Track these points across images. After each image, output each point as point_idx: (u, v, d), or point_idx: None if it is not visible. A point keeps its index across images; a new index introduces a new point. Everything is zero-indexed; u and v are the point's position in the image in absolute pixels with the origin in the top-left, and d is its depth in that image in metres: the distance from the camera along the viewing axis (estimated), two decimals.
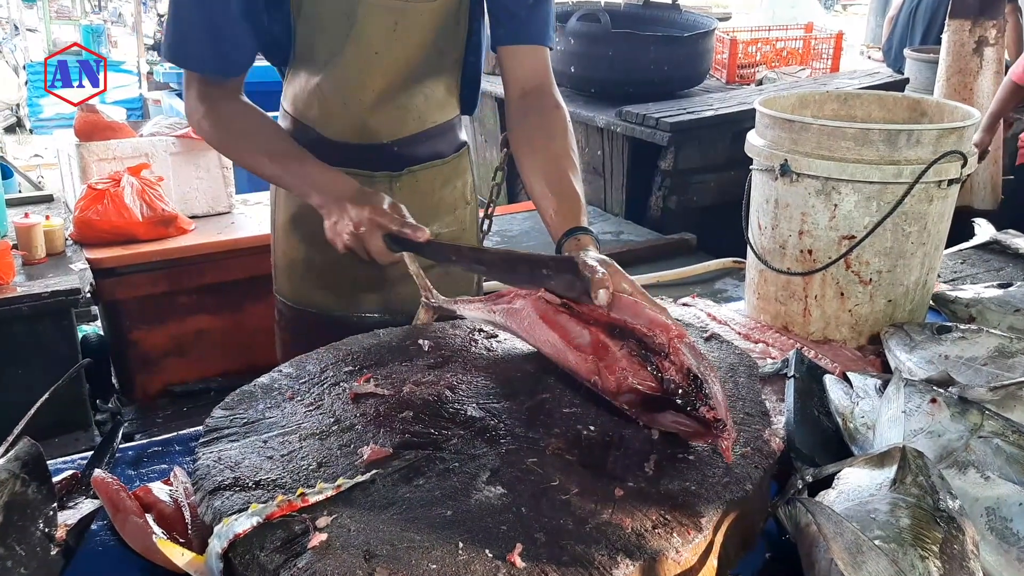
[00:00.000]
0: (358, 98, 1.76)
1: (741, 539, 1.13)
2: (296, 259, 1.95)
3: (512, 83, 1.82)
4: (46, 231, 3.46)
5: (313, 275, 1.93)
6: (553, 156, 1.69)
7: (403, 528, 1.00)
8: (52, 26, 12.61)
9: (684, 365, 1.16)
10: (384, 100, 1.77)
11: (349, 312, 1.93)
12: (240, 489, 1.09)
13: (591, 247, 1.47)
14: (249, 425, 1.24)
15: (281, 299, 2.01)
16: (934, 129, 1.65)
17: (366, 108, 1.77)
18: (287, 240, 1.95)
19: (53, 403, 1.32)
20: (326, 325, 1.92)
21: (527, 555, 0.95)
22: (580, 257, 1.35)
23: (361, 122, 1.79)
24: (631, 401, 1.22)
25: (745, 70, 5.12)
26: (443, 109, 1.87)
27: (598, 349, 1.26)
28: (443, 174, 1.93)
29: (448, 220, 1.96)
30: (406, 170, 1.85)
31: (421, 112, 1.83)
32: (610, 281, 1.28)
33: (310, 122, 1.81)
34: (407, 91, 1.79)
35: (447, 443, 1.18)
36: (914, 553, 0.98)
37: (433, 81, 1.82)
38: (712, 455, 1.16)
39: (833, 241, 1.75)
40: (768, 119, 1.80)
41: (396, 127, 1.82)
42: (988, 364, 1.52)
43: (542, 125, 1.75)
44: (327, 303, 1.94)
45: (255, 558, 0.96)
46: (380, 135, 1.81)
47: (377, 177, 1.82)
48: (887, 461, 1.16)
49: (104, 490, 1.17)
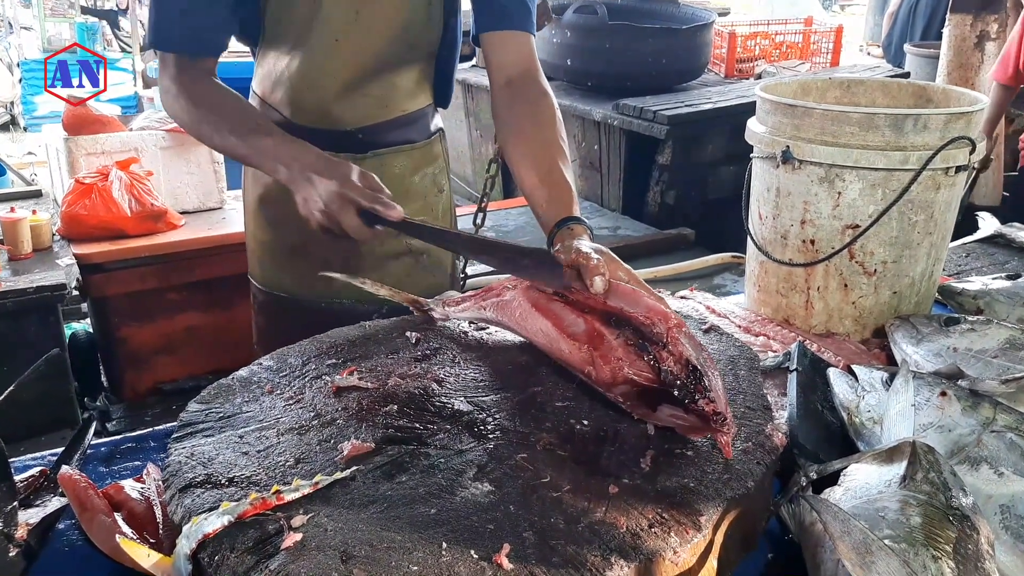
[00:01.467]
0: (322, 84, 1.74)
1: (742, 539, 1.07)
2: (265, 241, 1.91)
3: (497, 71, 1.76)
4: (33, 226, 3.40)
5: (282, 258, 1.89)
6: (542, 145, 1.63)
7: (383, 527, 0.94)
8: (47, 23, 12.54)
9: (683, 356, 1.11)
10: (350, 88, 1.74)
11: (318, 297, 1.88)
12: (212, 486, 1.03)
13: (584, 236, 1.41)
14: (225, 420, 1.18)
15: (253, 282, 1.99)
16: (942, 114, 1.59)
17: (331, 95, 1.74)
18: (256, 222, 1.92)
19: (40, 401, 1.26)
20: (297, 310, 1.89)
21: (515, 556, 0.89)
22: (574, 245, 1.30)
23: (326, 108, 1.76)
24: (626, 393, 1.16)
25: (744, 64, 5.06)
26: (413, 98, 1.83)
27: (593, 338, 1.20)
28: (412, 159, 1.88)
29: (418, 207, 1.90)
30: (371, 153, 1.81)
31: (389, 101, 1.80)
32: (606, 268, 1.22)
33: (276, 105, 1.78)
34: (375, 80, 1.76)
35: (432, 438, 1.12)
36: (926, 553, 0.93)
37: (403, 72, 1.78)
38: (711, 451, 1.11)
39: (836, 231, 1.69)
40: (769, 105, 1.74)
41: (362, 115, 1.78)
42: (999, 356, 1.46)
43: (529, 114, 1.69)
44: (296, 287, 1.90)
45: (225, 559, 0.90)
46: (345, 122, 1.77)
47: (340, 158, 1.76)
48: (896, 457, 1.10)
49: (71, 487, 1.11)
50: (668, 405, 1.12)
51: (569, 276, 1.27)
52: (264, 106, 1.80)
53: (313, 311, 1.87)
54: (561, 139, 1.65)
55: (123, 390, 3.66)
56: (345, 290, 1.85)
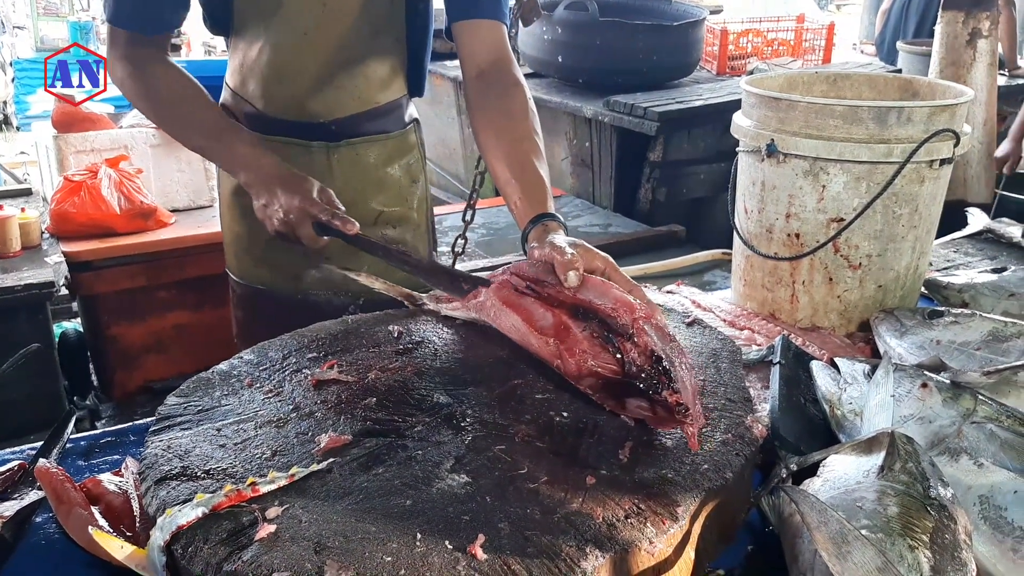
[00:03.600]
0: (294, 78, 1.72)
1: (721, 530, 1.07)
2: (239, 233, 1.90)
3: (468, 60, 1.74)
4: (21, 224, 3.38)
5: (258, 251, 1.88)
6: (514, 140, 1.61)
7: (358, 519, 0.94)
8: (40, 22, 12.50)
9: (647, 347, 1.10)
10: (321, 80, 1.73)
11: (293, 289, 1.87)
12: (188, 478, 1.02)
13: (559, 232, 1.41)
14: (203, 413, 1.18)
15: (231, 276, 1.97)
16: (925, 106, 1.59)
17: (303, 88, 1.73)
18: (231, 214, 1.90)
19: (28, 400, 1.26)
20: (274, 302, 1.88)
21: (489, 546, 0.89)
22: (548, 240, 1.31)
23: (299, 101, 1.74)
24: (593, 385, 1.16)
25: (736, 62, 5.05)
26: (387, 89, 1.81)
27: (559, 332, 1.20)
28: (386, 149, 1.86)
29: (391, 197, 1.88)
30: (345, 142, 1.79)
31: (361, 92, 1.78)
32: (579, 262, 1.22)
33: (248, 97, 1.77)
34: (346, 72, 1.74)
35: (411, 430, 1.12)
36: (903, 543, 0.93)
37: (373, 62, 1.76)
38: None
39: (821, 224, 1.69)
40: (755, 98, 1.74)
41: (335, 107, 1.76)
42: (982, 349, 1.46)
43: (502, 107, 1.67)
44: (271, 279, 1.89)
45: (198, 551, 0.90)
46: (318, 114, 1.76)
47: (314, 147, 1.77)
48: (875, 447, 1.10)
49: (47, 480, 1.10)
50: (636, 397, 1.12)
51: (544, 270, 1.27)
52: (236, 98, 1.79)
53: (291, 303, 1.86)
54: (535, 133, 1.63)
55: (113, 389, 3.64)
56: (321, 282, 1.85)
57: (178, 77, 1.68)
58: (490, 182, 1.82)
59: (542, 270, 1.29)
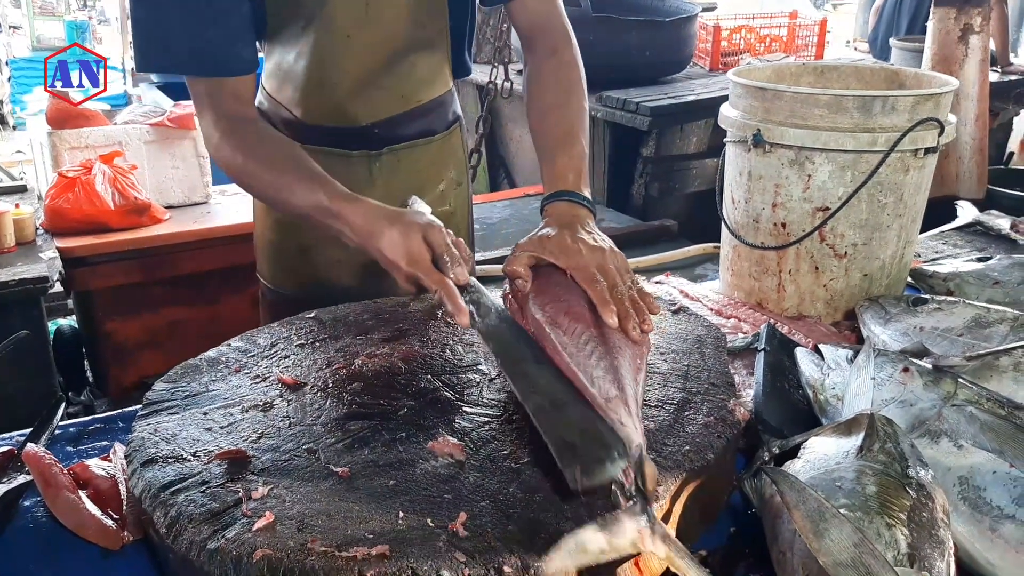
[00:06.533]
0: (334, 82, 1.62)
1: (702, 511, 1.08)
2: (274, 241, 1.83)
3: (520, 30, 1.70)
4: (16, 219, 3.38)
5: (291, 259, 1.82)
6: (545, 112, 1.60)
7: (342, 498, 0.95)
8: (36, 22, 12.49)
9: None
10: (363, 82, 1.63)
11: (327, 298, 1.83)
12: (175, 460, 1.03)
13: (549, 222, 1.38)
14: (191, 398, 1.19)
15: (262, 281, 1.91)
16: (910, 95, 1.60)
17: (344, 91, 1.63)
18: (264, 223, 1.84)
19: (23, 396, 1.27)
20: (303, 309, 1.84)
21: (471, 524, 0.90)
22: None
23: (339, 105, 1.65)
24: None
25: (729, 58, 5.06)
26: (431, 86, 1.73)
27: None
28: (429, 154, 1.78)
29: (434, 200, 1.73)
30: (387, 149, 1.71)
31: (405, 92, 1.68)
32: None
33: (285, 103, 1.68)
34: (389, 71, 1.64)
35: (396, 414, 1.13)
36: (880, 521, 0.94)
37: (418, 57, 1.67)
38: (674, 424, 1.12)
39: (807, 213, 1.70)
40: (741, 88, 1.75)
41: (377, 109, 1.67)
42: (964, 335, 1.47)
43: (547, 82, 1.65)
44: (304, 288, 1.83)
45: (183, 529, 0.91)
46: (359, 118, 1.66)
47: (354, 156, 1.69)
48: (854, 429, 1.11)
49: (35, 464, 1.11)
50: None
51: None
52: (273, 103, 1.70)
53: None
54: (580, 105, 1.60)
55: (108, 384, 3.65)
56: (359, 292, 1.81)
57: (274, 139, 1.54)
58: (482, 177, 1.82)
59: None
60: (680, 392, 1.20)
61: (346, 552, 0.85)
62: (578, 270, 1.24)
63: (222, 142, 1.48)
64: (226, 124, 1.49)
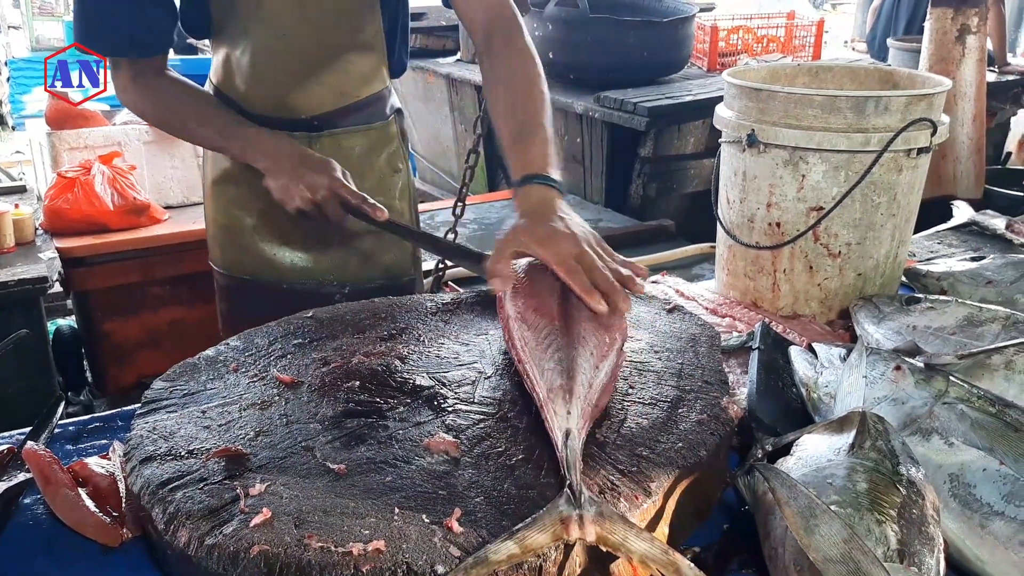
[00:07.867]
0: (274, 77, 1.75)
1: (695, 507, 1.09)
2: (225, 224, 1.92)
3: (470, 26, 1.74)
4: (15, 220, 3.39)
5: (243, 240, 1.90)
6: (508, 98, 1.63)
7: (338, 495, 0.96)
8: (35, 22, 12.49)
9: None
10: (302, 78, 1.75)
11: (280, 279, 1.90)
12: (173, 458, 1.04)
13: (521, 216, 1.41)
14: (189, 396, 1.20)
15: (215, 268, 1.99)
16: (902, 96, 1.61)
17: (284, 87, 1.76)
18: (215, 205, 1.92)
19: (23, 396, 1.28)
20: (259, 292, 1.90)
21: (465, 520, 0.91)
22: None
23: (280, 99, 1.77)
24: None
25: (726, 58, 5.07)
26: (369, 83, 1.83)
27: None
28: (367, 139, 1.88)
29: (373, 187, 1.87)
30: (326, 132, 1.82)
31: (344, 88, 1.80)
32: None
33: (230, 95, 1.79)
34: (326, 69, 1.76)
35: (392, 411, 1.14)
36: (871, 517, 0.95)
37: (354, 56, 1.78)
38: (667, 421, 1.13)
39: (801, 213, 1.71)
40: (736, 89, 1.76)
41: (316, 103, 1.79)
42: (957, 333, 1.48)
43: (503, 72, 1.68)
44: (258, 269, 1.91)
45: (181, 525, 0.92)
46: (300, 111, 1.78)
47: (296, 137, 1.78)
48: (846, 426, 1.12)
49: (34, 462, 1.12)
50: None
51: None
52: (219, 95, 1.80)
53: (276, 293, 1.88)
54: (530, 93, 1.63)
55: (107, 384, 3.66)
56: (306, 272, 1.87)
57: (182, 84, 1.73)
58: (481, 177, 1.85)
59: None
60: (674, 390, 1.21)
61: (342, 548, 0.86)
62: (556, 263, 1.26)
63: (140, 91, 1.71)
64: (143, 80, 1.70)
